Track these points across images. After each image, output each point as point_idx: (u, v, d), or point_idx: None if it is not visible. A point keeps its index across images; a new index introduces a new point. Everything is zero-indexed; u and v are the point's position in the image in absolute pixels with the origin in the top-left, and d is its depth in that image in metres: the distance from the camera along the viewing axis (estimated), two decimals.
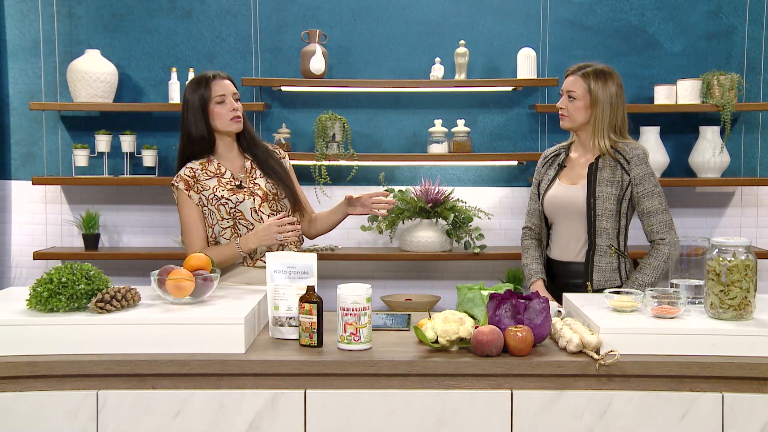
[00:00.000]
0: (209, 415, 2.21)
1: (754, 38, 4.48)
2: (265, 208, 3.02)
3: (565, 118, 3.09)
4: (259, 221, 3.01)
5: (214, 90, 2.98)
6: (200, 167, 3.03)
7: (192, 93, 3.00)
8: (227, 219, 3.00)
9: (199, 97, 2.98)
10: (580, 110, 3.05)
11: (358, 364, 2.22)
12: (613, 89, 3.03)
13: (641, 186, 3.01)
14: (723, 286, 2.33)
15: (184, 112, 3.02)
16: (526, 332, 2.25)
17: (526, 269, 3.20)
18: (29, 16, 4.51)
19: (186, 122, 3.03)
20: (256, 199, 3.02)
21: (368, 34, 4.52)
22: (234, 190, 3.00)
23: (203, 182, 3.01)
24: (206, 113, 2.99)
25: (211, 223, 3.02)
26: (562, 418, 2.21)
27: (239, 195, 3.00)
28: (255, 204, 3.01)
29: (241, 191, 3.00)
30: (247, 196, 3.00)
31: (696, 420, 2.19)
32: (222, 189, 3.00)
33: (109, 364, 2.21)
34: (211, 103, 2.98)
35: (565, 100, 3.09)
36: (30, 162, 4.55)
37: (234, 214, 3.00)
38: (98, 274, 2.40)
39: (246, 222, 3.01)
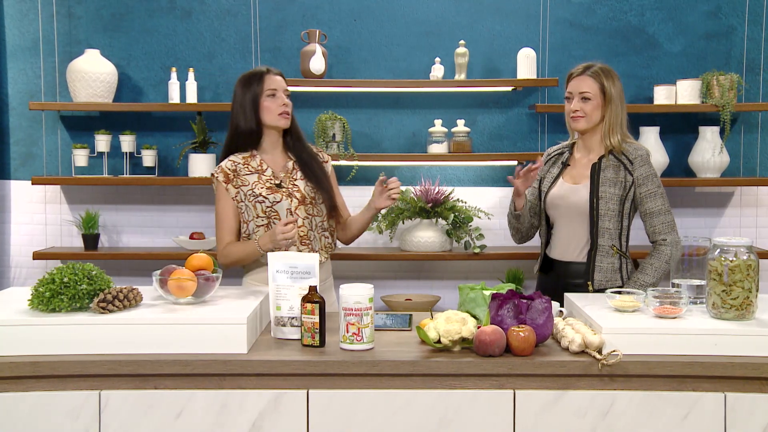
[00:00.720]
0: (212, 415, 2.21)
1: (753, 38, 4.48)
2: (301, 211, 3.02)
3: (581, 120, 3.07)
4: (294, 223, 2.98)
5: (266, 84, 3.01)
6: (242, 161, 3.03)
7: (244, 86, 3.03)
8: (262, 217, 3.00)
9: (251, 91, 3.00)
10: (596, 110, 3.05)
11: (360, 364, 2.22)
12: (619, 86, 3.08)
13: (644, 187, 3.02)
14: (725, 286, 2.33)
15: (235, 104, 3.04)
16: (529, 332, 2.25)
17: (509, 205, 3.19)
18: (28, 15, 4.50)
19: (235, 115, 3.04)
20: (293, 201, 3.01)
21: (368, 34, 4.52)
22: (273, 189, 3.00)
23: (243, 177, 3.01)
24: (257, 107, 3.00)
25: (246, 219, 3.02)
26: (564, 418, 2.21)
27: (277, 194, 3.00)
28: (291, 205, 3.01)
29: (279, 191, 3.01)
30: (285, 197, 3.00)
31: (698, 420, 2.20)
32: (261, 186, 3.00)
33: (111, 365, 2.21)
34: (262, 97, 3.00)
35: (579, 102, 3.06)
36: (29, 162, 4.54)
37: (269, 213, 2.99)
38: (100, 274, 2.40)
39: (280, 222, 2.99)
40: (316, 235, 3.07)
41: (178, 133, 4.53)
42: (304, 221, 3.01)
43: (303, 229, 3.01)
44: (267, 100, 3.00)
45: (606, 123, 3.06)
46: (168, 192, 4.58)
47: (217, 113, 4.49)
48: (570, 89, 3.11)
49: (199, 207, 4.57)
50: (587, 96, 3.06)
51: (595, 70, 3.07)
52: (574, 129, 3.14)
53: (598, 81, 3.06)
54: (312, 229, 3.05)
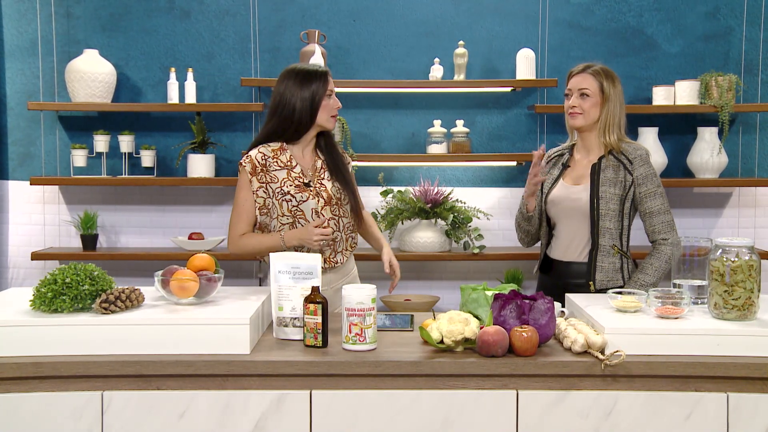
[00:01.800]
0: (215, 415, 2.21)
1: (751, 39, 4.49)
2: (326, 211, 3.00)
3: (578, 116, 3.09)
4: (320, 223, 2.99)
5: (329, 84, 3.00)
6: (272, 155, 2.99)
7: (302, 81, 2.97)
8: (287, 216, 2.97)
9: (311, 88, 2.97)
10: (594, 107, 3.07)
11: (363, 365, 2.22)
12: (619, 88, 3.09)
13: (644, 186, 3.02)
14: (727, 286, 2.34)
15: (286, 95, 2.98)
16: (532, 332, 2.25)
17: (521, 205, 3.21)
18: (27, 15, 4.49)
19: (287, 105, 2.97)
20: (320, 201, 2.99)
21: (367, 35, 4.52)
22: (300, 188, 2.98)
23: (273, 173, 2.98)
24: (316, 105, 2.98)
25: (271, 215, 2.99)
26: (567, 418, 2.21)
27: (304, 193, 2.98)
28: (318, 205, 2.99)
29: (307, 190, 2.99)
30: (312, 197, 2.98)
31: (701, 420, 2.20)
32: (290, 184, 2.97)
33: (114, 365, 2.21)
34: (323, 96, 2.98)
35: (578, 98, 3.09)
36: (27, 162, 4.53)
37: (295, 212, 2.97)
38: (102, 275, 2.40)
39: (305, 222, 2.97)
40: (343, 236, 3.07)
41: (176, 134, 4.53)
42: (329, 222, 3.00)
43: (328, 229, 2.98)
44: (326, 99, 2.99)
45: (602, 121, 3.08)
46: (167, 192, 4.57)
47: (216, 113, 4.49)
48: (570, 86, 3.13)
49: (197, 207, 4.56)
50: (586, 93, 3.08)
51: (595, 69, 3.09)
52: (571, 126, 3.16)
53: (597, 79, 3.08)
54: (339, 230, 3.04)
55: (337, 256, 3.04)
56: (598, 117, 3.09)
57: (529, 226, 3.22)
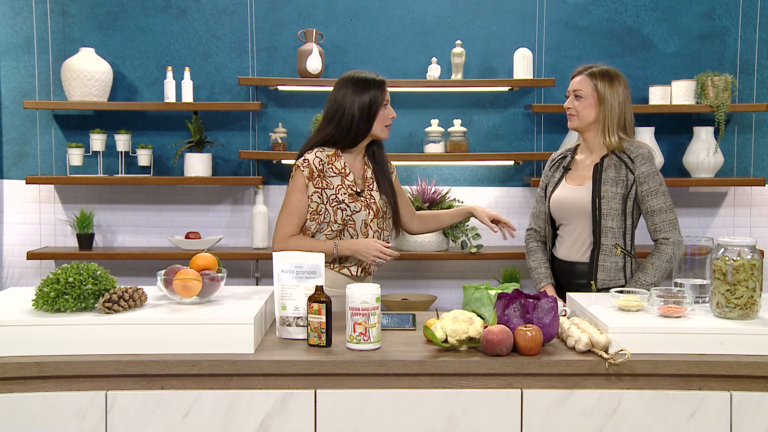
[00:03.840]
0: (219, 415, 2.20)
1: (746, 40, 4.51)
2: (374, 224, 3.01)
3: (573, 118, 3.12)
4: (365, 235, 2.99)
5: (386, 94, 3.00)
6: (328, 160, 2.98)
7: (361, 89, 2.96)
8: (339, 224, 2.97)
9: (370, 96, 2.96)
10: (587, 109, 3.08)
11: (368, 364, 2.22)
12: (620, 89, 3.08)
13: (645, 185, 3.03)
14: (729, 285, 2.34)
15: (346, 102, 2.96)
16: (536, 332, 2.25)
17: (534, 273, 3.21)
18: (21, 13, 4.47)
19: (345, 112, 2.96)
20: (370, 213, 3.00)
21: (364, 34, 4.52)
22: (354, 197, 2.98)
23: (329, 179, 2.97)
24: (374, 113, 2.97)
25: (321, 220, 2.98)
26: (571, 417, 2.22)
27: (357, 204, 2.97)
28: (368, 217, 2.99)
29: (359, 200, 2.98)
30: (364, 207, 2.99)
31: (705, 418, 2.21)
32: (344, 192, 2.97)
33: (117, 365, 2.20)
34: (381, 105, 2.98)
35: (572, 99, 3.11)
36: (23, 161, 4.51)
37: (347, 221, 2.97)
38: (105, 274, 2.39)
39: (353, 232, 2.98)
40: None
41: (173, 133, 4.52)
42: (374, 234, 3.02)
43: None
44: (383, 109, 2.99)
45: (599, 122, 3.09)
46: (163, 192, 4.56)
47: (212, 112, 4.48)
48: (569, 87, 3.15)
49: (194, 207, 4.55)
50: (579, 94, 3.10)
51: (592, 71, 3.09)
52: (569, 127, 3.19)
53: (592, 81, 3.09)
54: None
55: (371, 267, 3.07)
56: (595, 118, 3.09)
57: None
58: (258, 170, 4.53)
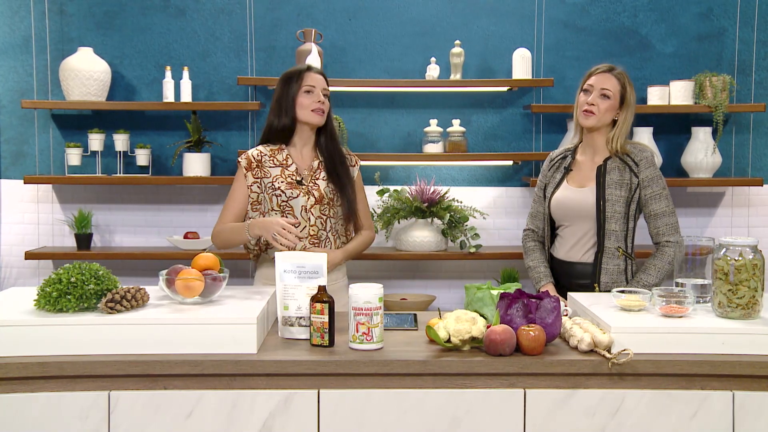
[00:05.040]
0: (222, 415, 2.20)
1: (744, 40, 4.52)
2: (315, 210, 3.05)
3: (592, 116, 3.06)
4: (307, 220, 3.03)
5: (304, 80, 3.05)
6: (269, 153, 3.07)
7: (284, 84, 3.08)
8: (276, 211, 3.03)
9: (289, 87, 3.05)
10: (610, 110, 3.06)
11: (371, 364, 2.22)
12: (635, 96, 3.11)
13: (649, 188, 3.03)
14: (731, 285, 2.35)
15: (273, 100, 3.10)
16: (539, 331, 2.26)
17: (533, 272, 3.21)
18: (19, 12, 4.45)
19: (272, 110, 3.10)
20: (309, 199, 3.04)
21: (363, 34, 4.52)
22: (293, 185, 3.04)
23: (267, 169, 3.05)
24: (293, 103, 3.05)
25: (262, 209, 3.06)
26: (574, 417, 2.22)
27: (295, 191, 3.03)
28: (307, 203, 3.03)
29: (298, 187, 3.04)
30: (302, 194, 3.03)
31: (707, 418, 2.22)
32: (281, 180, 3.04)
33: (120, 365, 2.19)
34: (299, 93, 3.04)
35: (598, 97, 3.06)
36: (20, 161, 4.50)
37: (284, 207, 3.03)
38: (107, 274, 2.39)
39: (293, 218, 3.01)
40: (330, 237, 3.09)
41: (172, 132, 4.51)
42: (317, 221, 3.06)
43: (314, 228, 3.05)
44: (303, 96, 3.04)
45: (617, 126, 3.07)
46: (162, 191, 4.55)
47: (211, 112, 4.48)
48: (591, 83, 3.08)
49: (193, 206, 4.54)
50: (607, 93, 3.06)
51: (620, 72, 3.10)
52: (582, 124, 3.10)
53: (620, 83, 3.07)
54: (325, 229, 3.07)
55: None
56: (611, 120, 3.09)
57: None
58: None
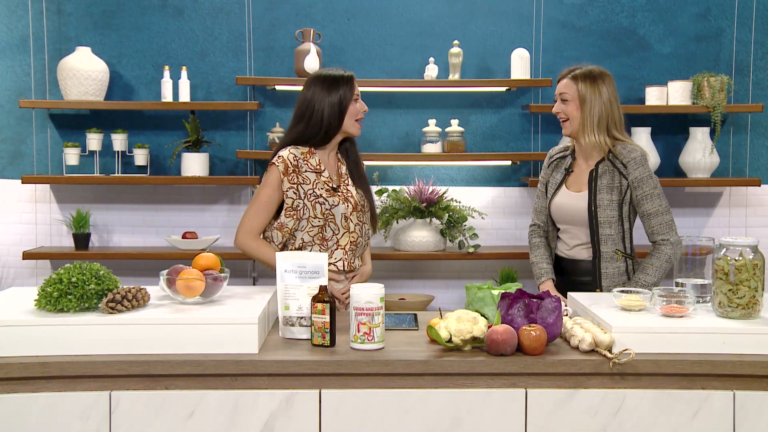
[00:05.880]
0: (224, 415, 2.20)
1: (742, 41, 4.53)
2: (353, 217, 3.03)
3: (566, 123, 3.11)
4: (347, 228, 3.00)
5: (355, 89, 3.02)
6: (302, 157, 3.00)
7: (329, 87, 2.99)
8: (319, 218, 2.98)
9: (339, 93, 2.99)
10: (575, 111, 3.07)
11: (373, 364, 2.22)
12: (602, 88, 3.05)
13: (640, 189, 3.03)
14: (731, 285, 2.35)
15: (314, 101, 2.98)
16: (540, 331, 2.26)
17: (535, 267, 3.21)
18: (17, 12, 4.45)
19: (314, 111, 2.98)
20: (348, 206, 3.02)
21: (362, 34, 4.52)
22: (330, 192, 3.00)
23: (304, 174, 2.99)
24: (343, 109, 2.99)
25: (300, 216, 2.99)
26: (576, 417, 2.22)
27: (335, 198, 2.99)
28: (347, 211, 3.01)
29: (336, 194, 3.00)
30: (342, 201, 3.00)
31: (708, 418, 2.22)
32: (321, 187, 2.99)
33: (121, 365, 2.19)
34: (351, 101, 3.00)
35: (560, 104, 3.11)
36: (18, 160, 4.49)
37: (327, 215, 2.98)
38: (108, 274, 2.38)
39: (335, 226, 2.99)
40: (363, 242, 3.10)
41: (170, 132, 4.50)
42: (356, 227, 3.04)
43: (354, 235, 3.03)
44: (353, 104, 3.01)
45: (581, 124, 3.06)
46: (160, 191, 4.54)
47: (209, 112, 4.48)
48: (555, 92, 3.15)
49: (191, 206, 4.54)
50: (565, 98, 3.09)
51: (575, 74, 3.08)
52: (564, 134, 3.17)
53: (575, 83, 3.07)
54: (362, 236, 3.08)
55: (356, 261, 3.08)
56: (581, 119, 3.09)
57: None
58: (255, 170, 4.52)
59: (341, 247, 3.01)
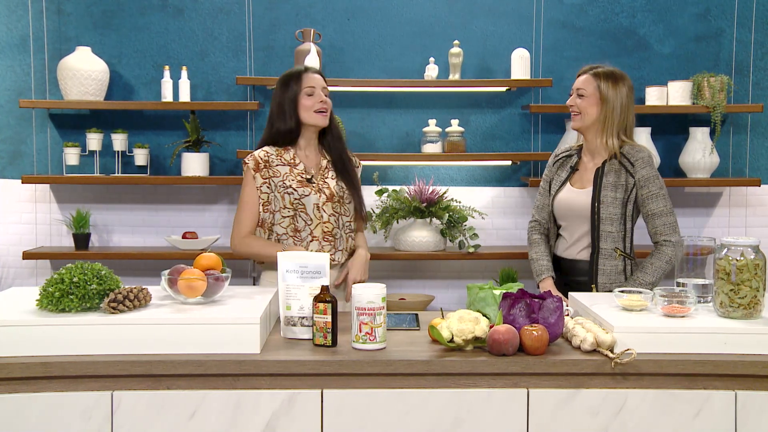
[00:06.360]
0: (225, 415, 2.20)
1: (741, 41, 4.54)
2: (328, 207, 3.04)
3: (577, 117, 3.13)
4: (320, 218, 3.02)
5: (305, 82, 3.04)
6: (276, 153, 3.05)
7: (283, 86, 3.07)
8: (288, 209, 3.02)
9: (291, 90, 3.04)
10: (590, 107, 3.09)
11: (375, 364, 2.22)
12: (624, 91, 3.09)
13: (646, 188, 3.04)
14: (733, 285, 2.36)
15: (273, 104, 3.08)
16: (542, 331, 2.26)
17: (535, 264, 3.21)
18: (17, 12, 4.44)
19: (274, 114, 3.08)
20: (321, 197, 3.03)
21: (362, 34, 4.52)
22: (303, 183, 3.03)
23: (275, 168, 3.03)
24: (296, 105, 3.04)
25: (272, 209, 3.04)
26: (577, 417, 2.22)
27: (306, 188, 3.02)
28: (320, 201, 3.03)
29: (309, 185, 3.03)
30: (314, 192, 3.03)
31: (709, 418, 2.22)
32: (292, 179, 3.03)
33: (123, 365, 2.19)
34: (301, 95, 3.03)
35: (575, 97, 3.12)
36: (18, 160, 4.48)
37: (296, 205, 3.01)
38: (109, 274, 2.38)
39: (306, 216, 3.02)
40: (343, 234, 3.10)
41: (170, 132, 4.50)
42: (330, 218, 3.05)
43: (328, 225, 3.04)
44: (305, 98, 3.03)
45: (600, 123, 3.09)
46: (160, 191, 4.54)
47: (210, 112, 4.47)
48: (573, 86, 3.16)
49: (191, 206, 4.54)
50: (582, 93, 3.11)
51: (597, 71, 3.11)
52: (571, 127, 3.20)
53: (595, 80, 3.10)
54: (338, 227, 3.08)
55: (337, 254, 3.05)
56: (596, 118, 3.10)
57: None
58: None
59: (315, 238, 3.02)
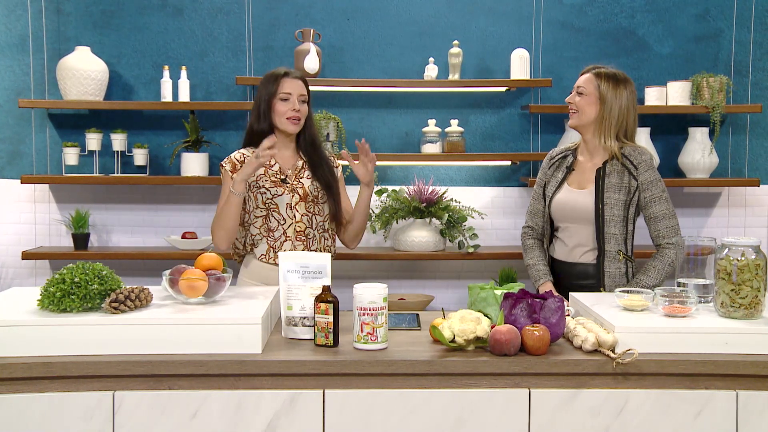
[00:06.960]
0: (227, 415, 2.20)
1: (741, 41, 4.54)
2: (300, 207, 3.06)
3: (575, 115, 3.13)
4: (293, 218, 3.04)
5: (281, 87, 3.04)
6: (252, 154, 3.03)
7: (262, 87, 3.09)
8: (261, 208, 3.05)
9: (267, 92, 3.06)
10: (588, 105, 3.08)
11: (376, 364, 2.22)
12: (624, 94, 3.08)
13: (648, 191, 3.04)
14: (734, 285, 2.36)
15: (254, 104, 3.11)
16: (543, 331, 2.26)
17: (532, 270, 3.21)
18: (16, 11, 4.44)
19: (253, 112, 3.12)
20: (294, 197, 3.05)
21: (361, 34, 4.52)
22: (277, 183, 3.05)
23: None
24: (269, 108, 3.05)
25: (247, 209, 3.06)
26: (579, 417, 2.23)
27: (279, 188, 3.05)
28: (292, 201, 3.05)
29: (283, 186, 3.05)
30: (287, 192, 3.05)
31: (711, 418, 2.22)
32: (266, 179, 3.05)
33: (125, 365, 2.19)
34: (275, 99, 3.04)
35: (575, 95, 3.13)
36: (17, 160, 4.48)
37: (269, 205, 3.04)
38: (110, 274, 2.38)
39: (279, 216, 3.04)
40: (316, 234, 3.11)
41: (170, 132, 4.50)
42: (302, 218, 3.07)
43: (300, 225, 3.07)
44: (279, 103, 3.05)
45: (598, 123, 3.09)
46: (159, 191, 4.54)
47: (209, 112, 4.47)
48: (575, 84, 3.17)
49: (191, 206, 4.53)
50: (581, 91, 3.12)
51: (599, 71, 3.11)
52: (569, 124, 3.20)
53: (596, 80, 3.10)
54: (311, 227, 3.09)
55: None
56: (595, 117, 3.10)
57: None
58: None
59: (288, 238, 3.05)
